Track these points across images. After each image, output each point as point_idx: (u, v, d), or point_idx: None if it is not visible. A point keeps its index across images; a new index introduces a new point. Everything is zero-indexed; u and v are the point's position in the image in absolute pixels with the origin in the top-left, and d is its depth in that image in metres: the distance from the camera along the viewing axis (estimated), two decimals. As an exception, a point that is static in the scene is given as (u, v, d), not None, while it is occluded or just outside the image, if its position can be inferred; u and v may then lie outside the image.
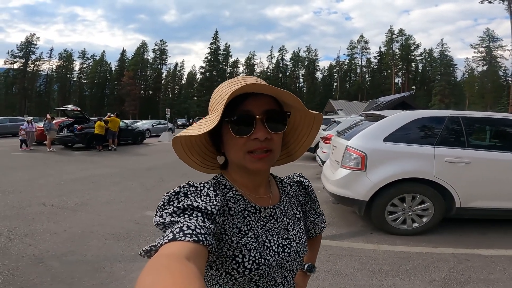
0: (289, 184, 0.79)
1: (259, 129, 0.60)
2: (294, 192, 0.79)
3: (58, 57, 65.76)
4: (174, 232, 0.47)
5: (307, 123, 0.71)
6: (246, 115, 0.60)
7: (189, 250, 0.43)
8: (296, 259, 0.68)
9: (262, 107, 0.61)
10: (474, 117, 3.68)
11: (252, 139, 0.60)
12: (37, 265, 2.63)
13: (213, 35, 69.06)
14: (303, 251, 0.70)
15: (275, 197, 0.72)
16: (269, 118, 0.61)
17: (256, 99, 0.61)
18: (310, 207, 0.82)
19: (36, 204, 4.42)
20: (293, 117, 0.69)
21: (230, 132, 0.61)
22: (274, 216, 0.69)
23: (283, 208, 0.72)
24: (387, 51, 65.47)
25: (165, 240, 0.45)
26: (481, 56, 55.43)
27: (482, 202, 3.38)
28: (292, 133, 0.73)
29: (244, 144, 0.61)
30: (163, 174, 7.11)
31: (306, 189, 0.82)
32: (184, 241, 0.45)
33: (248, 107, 0.61)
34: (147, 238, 3.29)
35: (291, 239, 0.68)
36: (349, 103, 31.64)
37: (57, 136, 11.93)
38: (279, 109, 0.64)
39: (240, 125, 0.60)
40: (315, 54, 71.29)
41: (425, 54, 65.53)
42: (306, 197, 0.81)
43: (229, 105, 0.60)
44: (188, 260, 0.40)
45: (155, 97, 69.31)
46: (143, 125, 21.48)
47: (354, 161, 3.48)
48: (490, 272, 2.67)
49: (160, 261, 0.39)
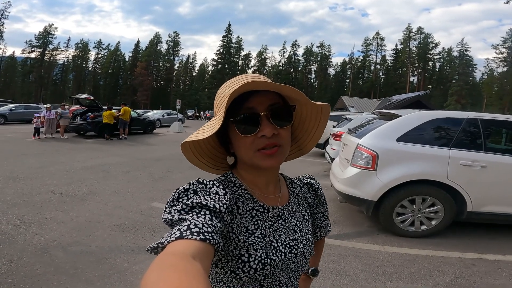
0: (299, 185, 0.79)
1: (265, 126, 0.59)
2: (303, 194, 0.78)
3: (75, 47, 67.29)
4: (181, 230, 0.47)
5: (314, 115, 0.69)
6: (251, 113, 0.60)
7: (195, 249, 0.43)
8: (302, 260, 0.68)
9: (265, 103, 0.60)
10: (494, 120, 3.53)
11: (259, 136, 0.60)
12: (41, 255, 2.65)
13: (226, 28, 69.06)
14: (309, 252, 0.69)
15: (284, 198, 0.72)
16: (274, 114, 0.61)
17: (259, 95, 0.60)
18: (318, 210, 0.81)
19: (45, 192, 4.49)
20: (299, 111, 0.68)
21: (237, 132, 0.61)
22: (282, 217, 0.68)
23: (292, 209, 0.71)
24: (404, 49, 63.90)
25: (172, 238, 0.46)
26: (502, 56, 53.66)
27: (495, 207, 3.28)
28: (301, 127, 0.72)
29: (252, 142, 0.60)
30: (171, 165, 7.16)
31: (316, 191, 0.81)
32: (191, 240, 0.45)
33: (252, 104, 0.60)
34: (152, 230, 3.31)
35: (298, 240, 0.68)
36: (361, 100, 31.11)
37: (70, 123, 12.18)
38: (283, 104, 0.63)
39: (245, 124, 0.60)
40: (328, 49, 70.48)
41: (443, 53, 63.76)
42: (315, 200, 0.81)
43: (233, 105, 0.59)
44: (194, 259, 0.40)
45: (166, 88, 70.08)
46: (154, 115, 21.74)
47: (365, 160, 3.39)
48: (495, 278, 2.61)
49: (166, 259, 0.39)
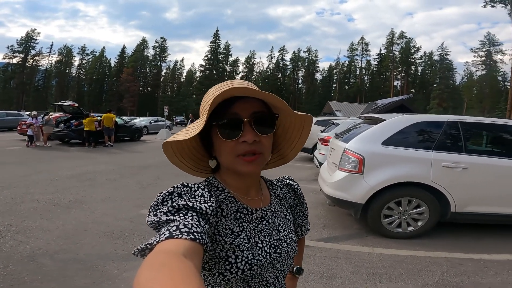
0: (279, 186, 0.80)
1: (247, 132, 0.60)
2: (284, 194, 0.80)
3: (58, 52, 65.54)
4: (171, 230, 0.47)
5: (297, 125, 0.71)
6: (234, 119, 0.60)
7: (186, 248, 0.43)
8: (287, 259, 0.69)
9: (249, 110, 0.61)
10: (473, 123, 3.68)
11: (240, 142, 0.60)
12: (28, 263, 2.60)
13: (214, 33, 68.85)
14: (293, 251, 0.71)
15: (266, 199, 0.73)
16: (257, 121, 0.61)
17: (243, 102, 0.61)
18: (298, 209, 0.83)
19: (29, 201, 4.37)
20: (283, 120, 0.70)
21: (219, 136, 0.61)
22: (265, 218, 0.69)
23: (274, 209, 0.73)
24: (387, 53, 65.60)
25: (161, 238, 0.45)
26: (480, 60, 55.74)
27: (477, 207, 3.39)
28: (283, 136, 0.73)
29: (233, 147, 0.61)
30: (160, 172, 7.07)
31: (295, 191, 0.83)
32: (181, 239, 0.45)
33: (236, 110, 0.61)
34: (142, 237, 3.27)
35: (282, 240, 0.69)
36: (347, 105, 31.75)
37: (54, 131, 11.86)
38: (267, 112, 0.64)
39: (228, 128, 0.60)
40: (315, 55, 71.36)
41: (425, 58, 65.68)
42: (295, 200, 0.83)
43: (218, 109, 0.61)
44: (185, 257, 0.40)
45: (153, 94, 69.13)
46: (141, 122, 21.43)
47: (352, 164, 3.47)
48: (482, 277, 2.69)
49: (158, 258, 0.39)
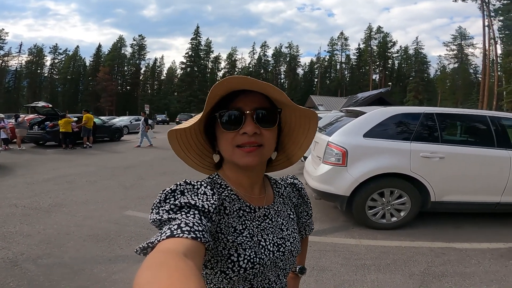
0: (283, 185, 0.81)
1: (248, 124, 0.61)
2: (288, 194, 0.80)
3: (28, 52, 62.33)
4: (172, 229, 0.46)
5: (303, 124, 0.71)
6: (236, 110, 0.61)
7: (187, 247, 0.43)
8: (289, 258, 0.69)
9: (252, 104, 0.62)
10: (448, 113, 3.82)
11: (241, 133, 0.61)
12: (12, 269, 2.51)
13: (194, 30, 67.67)
14: (296, 250, 0.71)
15: (270, 198, 0.73)
16: (259, 114, 0.62)
17: (247, 97, 0.62)
18: (302, 209, 0.84)
19: (6, 206, 4.17)
20: (288, 118, 0.70)
21: (220, 127, 0.62)
22: (268, 216, 0.69)
23: (277, 208, 0.73)
24: (366, 48, 67.00)
25: (162, 237, 0.45)
26: (452, 53, 58.09)
27: (455, 196, 3.53)
28: (289, 135, 0.74)
29: (233, 138, 0.62)
30: (143, 172, 6.92)
31: (300, 191, 0.83)
32: (182, 238, 0.45)
33: (239, 104, 0.62)
34: (129, 239, 3.20)
35: (285, 239, 0.69)
36: (329, 99, 32.15)
37: (28, 133, 11.30)
38: (270, 106, 0.65)
39: (230, 119, 0.61)
40: (296, 50, 71.90)
41: (401, 52, 67.54)
42: (299, 199, 0.83)
43: (222, 104, 0.62)
44: (185, 257, 0.40)
45: (133, 92, 67.24)
46: (121, 121, 20.78)
47: (335, 157, 3.53)
48: (466, 266, 2.74)
49: (158, 257, 0.39)
